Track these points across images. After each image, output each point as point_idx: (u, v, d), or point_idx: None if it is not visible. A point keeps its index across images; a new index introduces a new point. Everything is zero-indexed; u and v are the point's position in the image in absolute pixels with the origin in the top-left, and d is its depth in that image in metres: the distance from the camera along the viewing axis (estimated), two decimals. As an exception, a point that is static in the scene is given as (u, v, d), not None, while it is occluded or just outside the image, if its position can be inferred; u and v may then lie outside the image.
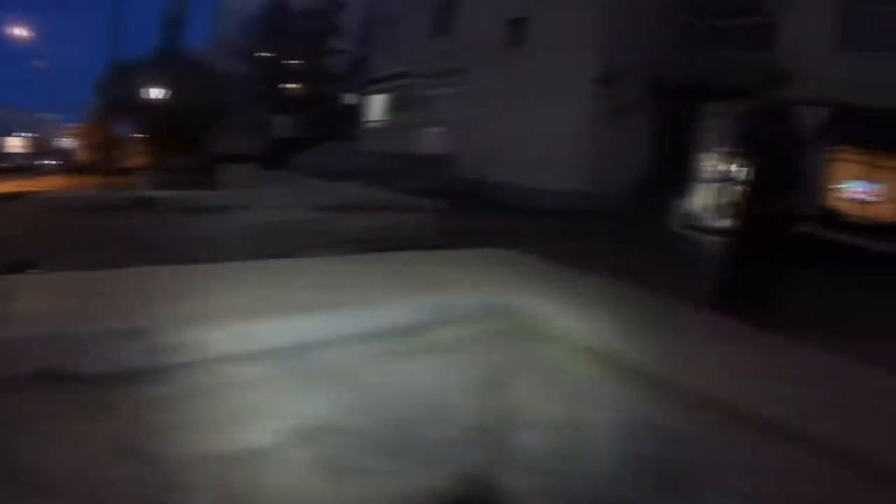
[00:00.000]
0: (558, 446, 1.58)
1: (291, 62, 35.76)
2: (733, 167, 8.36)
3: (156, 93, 20.99)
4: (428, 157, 14.57)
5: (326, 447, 1.45)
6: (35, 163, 37.36)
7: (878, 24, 11.39)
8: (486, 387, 1.71)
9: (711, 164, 12.39)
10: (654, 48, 12.48)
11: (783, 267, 5.09)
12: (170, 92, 21.15)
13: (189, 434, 1.30)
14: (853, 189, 11.78)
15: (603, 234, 9.43)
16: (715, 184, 13.22)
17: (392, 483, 1.52)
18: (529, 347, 1.72)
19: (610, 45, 12.22)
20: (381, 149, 16.70)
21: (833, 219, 11.06)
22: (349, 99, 35.28)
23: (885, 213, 11.16)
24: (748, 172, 5.47)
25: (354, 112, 24.35)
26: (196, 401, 1.33)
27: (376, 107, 18.93)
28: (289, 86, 35.94)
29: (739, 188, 5.57)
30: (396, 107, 16.61)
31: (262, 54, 33.99)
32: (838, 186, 11.72)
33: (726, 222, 12.48)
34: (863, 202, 11.56)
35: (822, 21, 11.67)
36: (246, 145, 27.37)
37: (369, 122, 19.18)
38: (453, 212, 8.10)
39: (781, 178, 5.30)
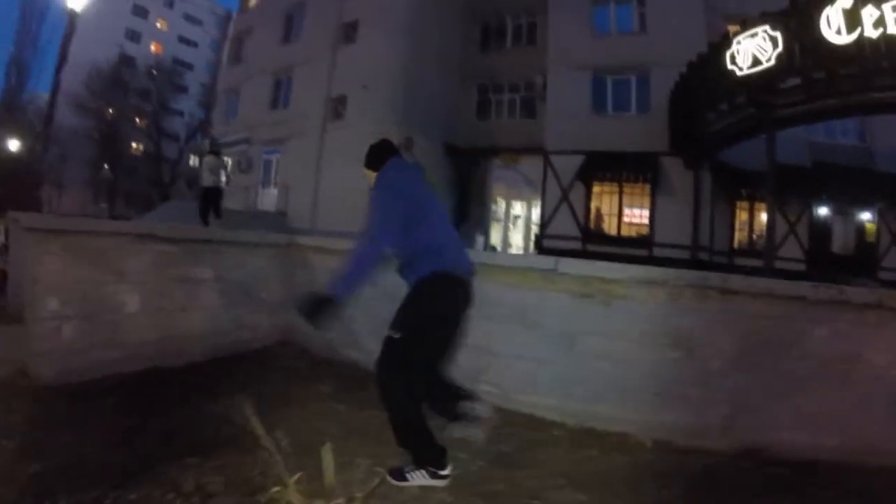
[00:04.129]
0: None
1: (135, 119, 35.37)
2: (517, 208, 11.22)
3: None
4: (267, 212, 16.40)
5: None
6: None
7: (614, 95, 15.18)
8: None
9: (498, 206, 15.94)
10: (444, 120, 16.04)
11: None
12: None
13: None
14: (630, 213, 14.88)
15: None
16: (503, 222, 16.91)
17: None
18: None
19: (409, 118, 15.02)
20: (224, 206, 18.09)
21: (595, 236, 14.65)
22: (192, 160, 35.60)
23: (639, 229, 14.58)
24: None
25: (197, 176, 25.12)
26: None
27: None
28: (132, 143, 35.32)
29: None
30: (239, 168, 18.25)
31: (107, 109, 33.18)
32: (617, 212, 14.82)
33: (516, 252, 15.76)
34: (630, 223, 14.70)
35: (582, 91, 15.21)
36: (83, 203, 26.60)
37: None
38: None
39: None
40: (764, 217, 15.37)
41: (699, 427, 3.11)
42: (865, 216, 16.32)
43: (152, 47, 40.78)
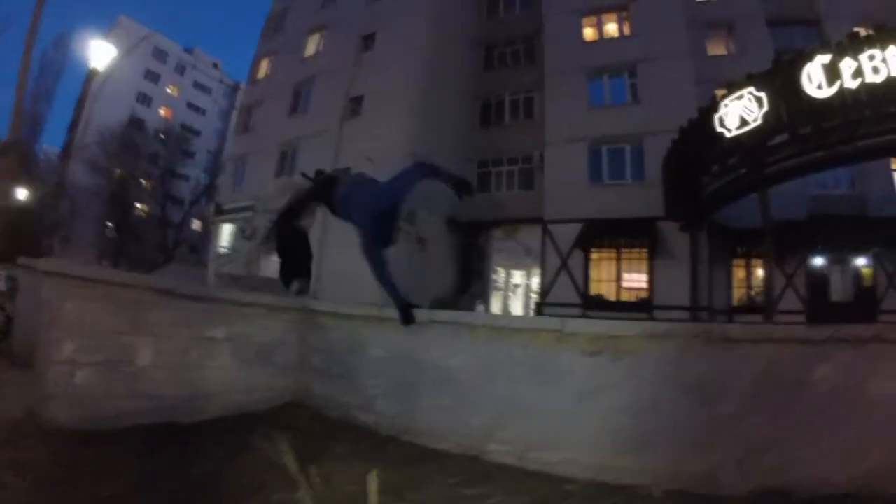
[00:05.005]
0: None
1: (142, 181, 36.19)
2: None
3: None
4: (271, 280, 16.65)
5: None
6: None
7: (610, 164, 15.90)
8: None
9: (499, 276, 16.29)
10: (449, 194, 16.44)
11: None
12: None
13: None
14: (628, 278, 15.32)
15: None
16: (503, 291, 17.23)
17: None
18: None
19: (413, 194, 15.59)
20: (229, 272, 18.38)
21: (594, 302, 14.96)
22: (195, 224, 36.29)
23: (638, 293, 14.93)
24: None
25: (204, 237, 25.70)
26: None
27: (224, 234, 20.79)
28: (137, 204, 35.94)
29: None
30: (243, 235, 18.68)
31: (115, 169, 33.91)
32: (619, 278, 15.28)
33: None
34: (629, 288, 15.08)
35: (578, 162, 15.91)
36: (87, 261, 26.88)
37: (218, 247, 20.87)
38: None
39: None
40: (761, 273, 15.72)
41: (712, 472, 3.18)
42: (861, 262, 16.64)
43: (162, 112, 42.24)
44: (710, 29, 18.11)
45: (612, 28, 18.22)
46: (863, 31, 17.04)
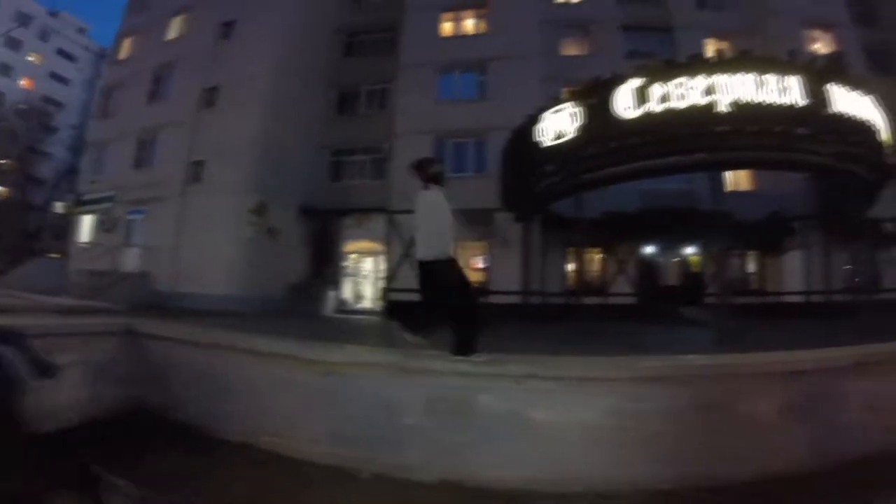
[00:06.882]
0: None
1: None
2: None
3: None
4: (131, 273, 16.55)
5: None
6: None
7: (455, 158, 16.76)
8: None
9: (350, 263, 17.23)
10: (300, 183, 17.21)
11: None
12: None
13: None
14: (468, 265, 16.77)
15: (264, 320, 11.58)
16: (354, 278, 18.23)
17: None
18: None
19: (265, 184, 16.05)
20: (90, 266, 17.91)
21: None
22: (58, 208, 33.96)
23: (478, 278, 16.18)
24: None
25: (65, 229, 24.46)
26: None
27: (85, 226, 20.04)
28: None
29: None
30: (103, 228, 18.20)
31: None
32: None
33: (367, 304, 17.00)
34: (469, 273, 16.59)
35: (424, 154, 16.91)
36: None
37: (79, 240, 20.10)
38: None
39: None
40: (596, 259, 17.67)
41: (409, 464, 4.48)
42: (691, 250, 19.13)
43: (23, 83, 38.70)
44: (566, 29, 19.37)
45: (469, 25, 19.17)
46: (711, 44, 19.36)
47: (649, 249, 18.08)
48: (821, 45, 20.16)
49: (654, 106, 9.64)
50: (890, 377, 5.17)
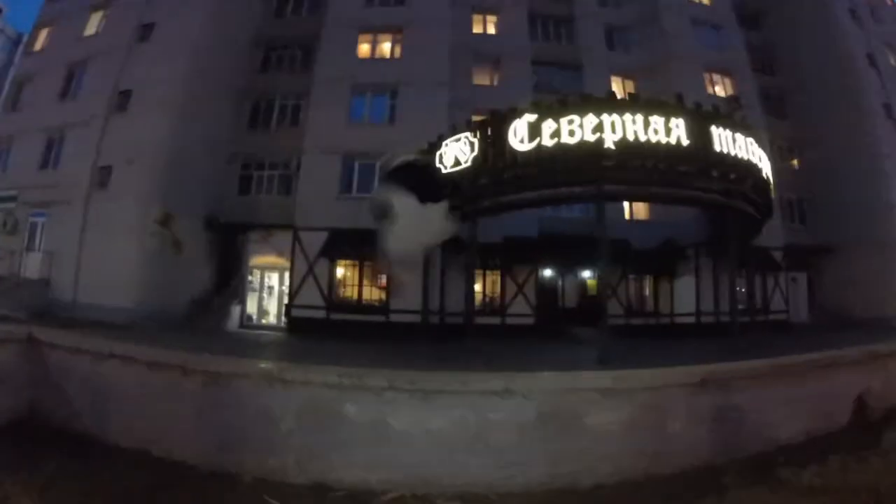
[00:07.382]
0: None
1: None
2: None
3: None
4: (31, 280, 16.23)
5: None
6: None
7: (360, 178, 17.37)
8: None
9: (255, 278, 17.56)
10: (208, 194, 17.33)
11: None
12: None
13: None
14: (371, 283, 17.60)
15: (163, 332, 12.08)
16: (258, 293, 18.53)
17: None
18: None
19: (172, 193, 15.98)
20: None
21: (338, 305, 16.59)
22: None
23: (379, 298, 16.95)
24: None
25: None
26: None
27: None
28: None
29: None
30: (4, 230, 17.61)
31: None
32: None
33: (271, 320, 17.29)
34: (370, 293, 17.03)
35: (331, 173, 17.38)
36: None
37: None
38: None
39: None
40: (496, 281, 18.60)
41: (284, 466, 5.30)
42: (587, 274, 20.29)
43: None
44: (478, 59, 20.26)
45: (385, 48, 19.67)
46: (616, 81, 20.48)
47: (548, 272, 19.16)
48: (720, 88, 21.77)
49: (546, 140, 10.23)
50: (728, 392, 5.98)
